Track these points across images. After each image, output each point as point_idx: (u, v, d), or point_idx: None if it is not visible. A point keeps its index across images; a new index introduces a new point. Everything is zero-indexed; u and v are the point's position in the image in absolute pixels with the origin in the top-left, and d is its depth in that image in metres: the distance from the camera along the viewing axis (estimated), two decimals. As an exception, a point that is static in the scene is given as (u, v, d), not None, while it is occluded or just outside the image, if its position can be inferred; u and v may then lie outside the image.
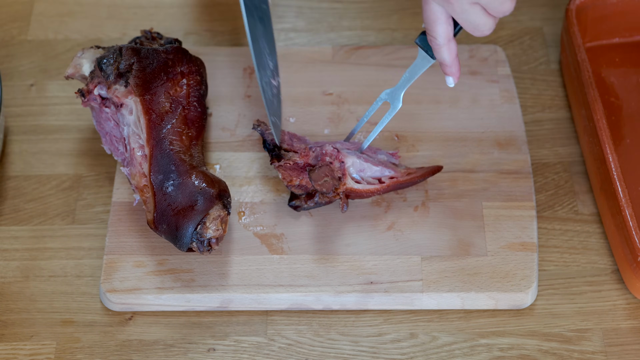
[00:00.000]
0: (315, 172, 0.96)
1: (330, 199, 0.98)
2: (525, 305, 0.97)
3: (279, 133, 0.97)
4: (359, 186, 0.98)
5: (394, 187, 1.00)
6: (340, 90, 1.10)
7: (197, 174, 0.95)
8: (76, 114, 1.11)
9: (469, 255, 0.98)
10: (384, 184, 0.99)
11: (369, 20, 1.21)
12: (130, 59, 0.97)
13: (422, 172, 1.01)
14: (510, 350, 0.95)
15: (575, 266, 1.00)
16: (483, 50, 1.13)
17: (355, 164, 0.99)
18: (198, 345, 0.96)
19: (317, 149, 0.98)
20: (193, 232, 0.92)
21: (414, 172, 1.01)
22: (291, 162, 0.97)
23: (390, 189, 1.00)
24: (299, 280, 0.97)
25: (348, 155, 0.99)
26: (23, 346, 0.95)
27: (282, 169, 0.97)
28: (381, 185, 0.99)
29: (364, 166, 0.99)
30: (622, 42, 1.13)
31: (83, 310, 0.98)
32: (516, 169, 1.04)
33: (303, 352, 0.95)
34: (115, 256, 0.98)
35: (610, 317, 0.97)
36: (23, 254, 1.01)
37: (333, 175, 0.96)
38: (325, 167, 0.96)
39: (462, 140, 1.06)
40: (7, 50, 1.17)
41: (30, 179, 1.07)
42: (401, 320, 0.97)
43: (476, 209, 1.01)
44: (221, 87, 1.10)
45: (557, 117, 1.11)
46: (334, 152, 0.98)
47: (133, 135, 0.97)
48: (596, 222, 1.03)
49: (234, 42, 1.19)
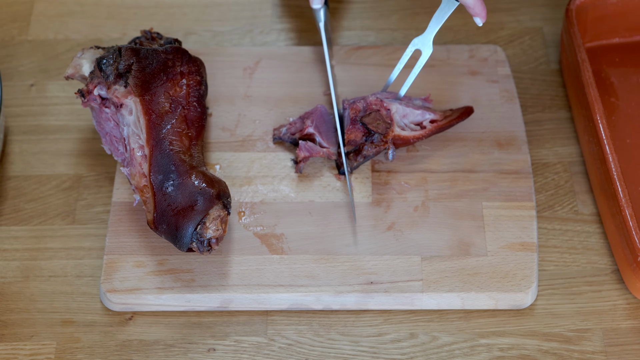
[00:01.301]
0: (368, 117, 1.00)
1: (379, 149, 1.01)
2: (526, 305, 0.97)
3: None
4: (406, 132, 1.01)
5: (435, 131, 1.04)
6: (340, 90, 1.10)
7: (197, 174, 0.95)
8: (76, 114, 1.11)
9: (469, 255, 0.98)
10: (426, 128, 1.03)
11: (369, 20, 1.21)
12: (130, 59, 0.97)
13: (458, 114, 1.05)
14: (510, 350, 0.95)
15: (575, 266, 1.00)
16: (483, 50, 1.13)
17: (399, 110, 1.02)
18: (198, 345, 0.96)
19: (361, 102, 1.01)
20: (193, 232, 0.92)
21: (449, 115, 1.04)
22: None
23: (432, 132, 1.03)
24: (299, 280, 0.97)
25: (391, 102, 1.02)
26: (23, 346, 0.95)
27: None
28: (424, 130, 1.03)
29: (406, 111, 1.03)
30: (622, 42, 1.13)
31: (83, 310, 0.98)
32: (516, 169, 1.04)
33: (303, 352, 0.95)
34: (116, 256, 0.98)
35: (610, 317, 0.97)
36: (23, 254, 1.01)
37: (384, 119, 1.00)
38: (376, 113, 1.01)
39: (462, 140, 1.06)
40: (7, 50, 1.17)
41: (30, 179, 1.07)
42: (401, 320, 0.97)
43: (476, 209, 1.01)
44: (221, 87, 1.10)
45: (557, 117, 1.11)
46: (378, 102, 1.01)
47: (133, 135, 0.97)
48: (596, 222, 1.03)
49: (234, 42, 1.19)
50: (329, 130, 1.04)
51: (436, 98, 1.09)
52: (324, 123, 1.04)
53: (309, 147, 1.02)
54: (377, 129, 1.00)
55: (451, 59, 1.13)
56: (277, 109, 1.09)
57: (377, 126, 1.00)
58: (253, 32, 1.19)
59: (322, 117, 1.04)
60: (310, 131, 1.03)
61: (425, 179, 1.03)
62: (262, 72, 1.12)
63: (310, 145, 1.02)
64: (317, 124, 1.03)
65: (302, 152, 1.01)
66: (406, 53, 1.02)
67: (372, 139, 1.00)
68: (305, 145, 1.02)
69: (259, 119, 1.08)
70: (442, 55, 1.13)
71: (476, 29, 1.19)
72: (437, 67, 1.12)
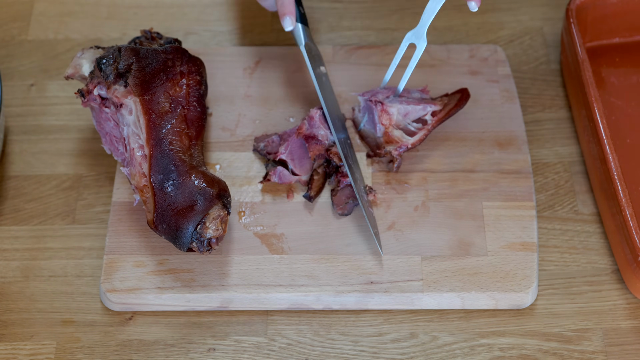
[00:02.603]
0: (337, 196, 1.01)
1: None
2: (526, 305, 0.97)
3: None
4: (411, 140, 1.02)
5: (437, 124, 1.03)
6: (340, 90, 1.10)
7: (197, 174, 0.95)
8: (76, 114, 1.11)
9: (469, 255, 0.98)
10: (427, 123, 1.03)
11: (369, 20, 1.21)
12: (129, 59, 0.97)
13: (455, 100, 1.05)
14: (510, 350, 0.95)
15: (576, 266, 1.00)
16: (483, 50, 1.13)
17: (400, 110, 1.02)
18: (198, 345, 0.96)
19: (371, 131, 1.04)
20: (193, 232, 0.92)
21: (447, 102, 1.05)
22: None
23: (434, 127, 1.03)
24: (299, 280, 0.97)
25: (391, 105, 1.02)
26: (23, 346, 0.95)
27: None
28: (426, 129, 1.03)
29: (408, 109, 1.03)
30: (622, 42, 1.13)
31: (83, 310, 0.98)
32: (516, 169, 1.04)
33: (303, 352, 0.95)
34: (116, 256, 0.98)
35: (611, 317, 0.97)
36: (23, 253, 1.01)
37: (353, 195, 1.01)
38: (346, 189, 1.01)
39: (462, 140, 1.06)
40: (7, 50, 1.17)
41: (30, 179, 1.07)
42: (401, 320, 0.97)
43: (476, 209, 1.01)
44: (221, 87, 1.10)
45: (557, 117, 1.11)
46: (381, 107, 1.03)
47: (133, 135, 0.97)
48: (596, 221, 1.03)
49: (234, 42, 1.19)
50: (303, 158, 1.03)
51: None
52: (299, 149, 1.03)
53: (282, 175, 1.01)
54: (344, 210, 1.01)
55: (451, 58, 1.13)
56: (277, 109, 1.09)
57: (344, 207, 1.01)
58: (253, 32, 1.19)
59: (297, 144, 1.03)
60: (283, 158, 1.02)
61: (426, 179, 1.03)
62: (262, 72, 1.12)
63: (284, 174, 1.01)
64: (292, 150, 1.03)
65: (273, 178, 1.01)
66: (401, 48, 1.03)
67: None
68: (280, 172, 1.01)
69: (259, 119, 1.08)
70: (442, 55, 1.13)
71: (476, 29, 1.19)
72: (437, 67, 1.12)
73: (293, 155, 1.02)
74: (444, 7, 1.19)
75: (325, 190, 1.03)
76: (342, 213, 1.00)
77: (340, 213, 1.00)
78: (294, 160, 1.02)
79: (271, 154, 1.04)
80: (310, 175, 1.02)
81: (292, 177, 1.02)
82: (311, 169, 1.03)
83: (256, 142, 1.05)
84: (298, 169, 1.02)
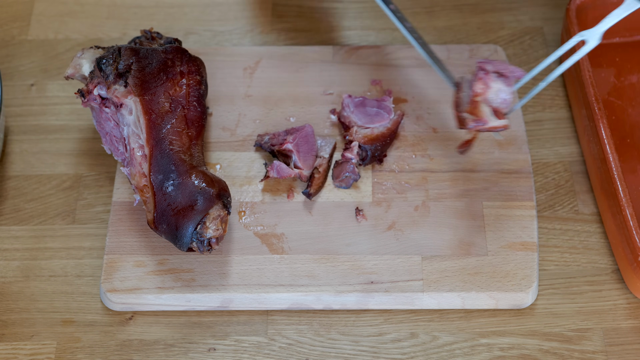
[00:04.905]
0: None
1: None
2: (526, 305, 0.97)
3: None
4: (500, 122, 0.94)
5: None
6: (340, 90, 1.10)
7: (197, 174, 0.95)
8: (76, 114, 1.11)
9: (470, 254, 0.98)
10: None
11: (369, 20, 1.21)
12: (129, 59, 0.97)
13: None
14: (510, 350, 0.95)
15: (576, 266, 1.00)
16: (483, 50, 1.13)
17: (500, 91, 0.94)
18: (198, 345, 0.96)
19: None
20: (193, 232, 0.92)
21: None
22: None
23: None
24: (299, 280, 0.97)
25: (495, 80, 0.95)
26: (23, 346, 0.95)
27: None
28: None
29: (505, 98, 0.94)
30: (622, 42, 1.13)
31: (83, 310, 0.98)
32: (516, 169, 1.04)
33: (303, 352, 0.95)
34: (116, 256, 0.98)
35: (611, 317, 0.97)
36: (23, 253, 1.01)
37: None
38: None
39: (463, 140, 1.06)
40: (7, 50, 1.17)
41: (30, 179, 1.07)
42: (402, 320, 0.97)
43: (476, 209, 1.01)
44: (221, 87, 1.10)
45: (558, 116, 1.11)
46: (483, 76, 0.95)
47: (133, 135, 0.97)
48: (596, 221, 1.03)
49: (234, 42, 1.19)
50: (308, 152, 1.03)
51: (436, 98, 1.09)
52: (306, 143, 1.03)
53: (280, 169, 1.01)
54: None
55: (451, 58, 1.12)
56: (277, 109, 1.09)
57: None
58: (253, 32, 1.19)
59: (306, 137, 1.03)
60: (289, 147, 1.01)
61: (426, 179, 1.03)
62: (262, 72, 1.12)
63: (282, 168, 1.01)
64: (299, 142, 1.02)
65: (271, 173, 1.01)
66: (569, 42, 0.95)
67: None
68: (278, 166, 1.01)
69: (259, 118, 1.08)
70: (442, 55, 1.12)
71: (476, 29, 1.19)
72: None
73: (299, 148, 1.02)
74: (444, 7, 1.19)
75: (325, 190, 1.03)
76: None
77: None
78: (300, 152, 1.02)
79: (275, 145, 1.03)
80: (311, 172, 1.02)
81: (291, 171, 1.01)
82: (313, 166, 1.03)
83: (259, 137, 1.05)
84: (302, 162, 1.01)
